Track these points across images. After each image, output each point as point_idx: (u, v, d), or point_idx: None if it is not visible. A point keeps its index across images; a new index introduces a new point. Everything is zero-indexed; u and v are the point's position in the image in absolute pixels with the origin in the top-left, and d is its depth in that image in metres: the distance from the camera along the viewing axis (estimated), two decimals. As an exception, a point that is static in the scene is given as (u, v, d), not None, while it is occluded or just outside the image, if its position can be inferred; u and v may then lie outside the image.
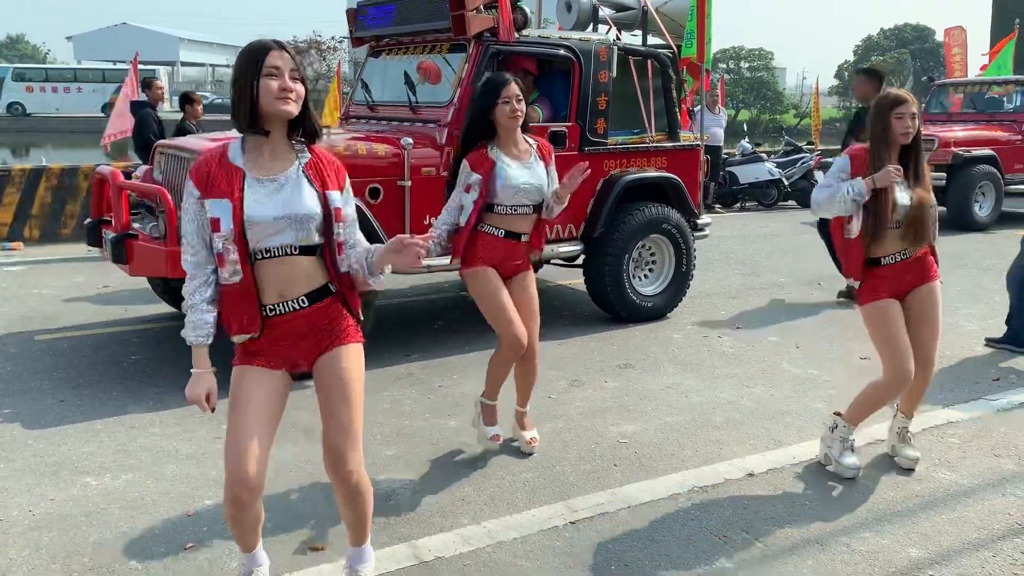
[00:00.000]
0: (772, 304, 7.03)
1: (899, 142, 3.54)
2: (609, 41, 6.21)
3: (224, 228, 2.35)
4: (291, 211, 2.39)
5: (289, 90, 2.34)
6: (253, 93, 2.33)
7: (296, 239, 2.42)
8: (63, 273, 7.75)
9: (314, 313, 2.50)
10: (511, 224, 3.75)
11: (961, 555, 3.10)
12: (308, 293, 2.48)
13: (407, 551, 3.09)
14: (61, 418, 4.33)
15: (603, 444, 4.09)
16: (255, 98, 2.33)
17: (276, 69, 2.33)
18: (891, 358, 3.60)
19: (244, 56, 2.37)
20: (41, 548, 3.07)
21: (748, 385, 4.99)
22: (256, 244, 2.39)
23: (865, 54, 58.11)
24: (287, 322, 2.47)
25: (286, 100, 2.34)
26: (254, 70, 2.33)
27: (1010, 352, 5.56)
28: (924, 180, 3.61)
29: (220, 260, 2.39)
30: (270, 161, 2.42)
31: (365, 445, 4.04)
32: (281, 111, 2.35)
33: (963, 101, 12.71)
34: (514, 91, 3.64)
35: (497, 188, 3.67)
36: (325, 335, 2.54)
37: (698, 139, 6.79)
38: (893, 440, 3.94)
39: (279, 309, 2.46)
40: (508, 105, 3.63)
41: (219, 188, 2.36)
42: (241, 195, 2.36)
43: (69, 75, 40.60)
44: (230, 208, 2.35)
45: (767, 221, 11.94)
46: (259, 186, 2.38)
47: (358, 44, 6.66)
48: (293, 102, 2.36)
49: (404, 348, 5.62)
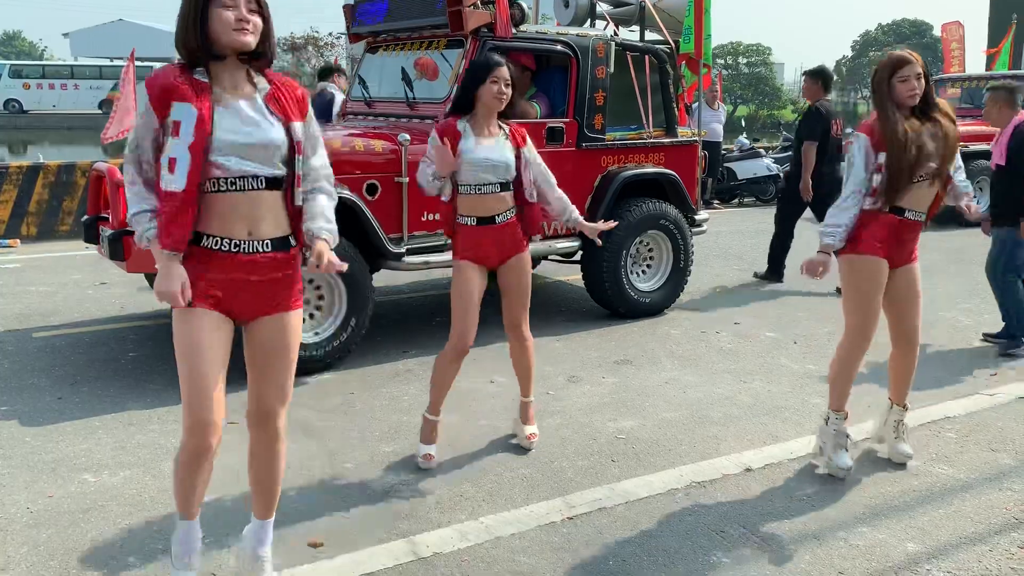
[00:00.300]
0: (770, 300, 7.04)
1: (907, 104, 3.46)
2: (607, 37, 6.20)
3: (183, 134, 2.28)
4: (256, 140, 2.36)
5: (246, 21, 2.30)
6: (202, 22, 2.27)
7: (262, 170, 2.39)
8: (60, 270, 7.74)
9: (274, 262, 2.46)
10: (479, 206, 3.70)
11: (958, 550, 3.11)
12: (273, 238, 2.45)
13: (405, 547, 3.09)
14: (59, 415, 4.33)
15: (601, 440, 4.09)
16: (204, 27, 2.28)
17: (232, 0, 2.29)
18: (864, 315, 3.59)
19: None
20: (39, 545, 3.07)
21: (746, 380, 5.00)
22: (218, 173, 2.34)
23: (863, 49, 58.13)
24: (251, 262, 2.42)
25: (243, 31, 2.30)
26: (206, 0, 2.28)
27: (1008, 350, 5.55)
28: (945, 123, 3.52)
29: (170, 165, 2.29)
30: (231, 90, 2.38)
31: (363, 441, 4.06)
32: (238, 42, 2.31)
33: (961, 96, 12.70)
34: (504, 74, 3.65)
35: (459, 163, 3.66)
36: (276, 294, 2.51)
37: (696, 135, 6.79)
38: (887, 433, 3.92)
39: (244, 247, 2.40)
40: (496, 85, 3.63)
41: (184, 94, 2.30)
42: (210, 109, 2.30)
43: (66, 72, 40.49)
44: (195, 116, 2.28)
45: (765, 217, 11.90)
46: (224, 110, 2.35)
47: (355, 40, 6.65)
48: (251, 34, 2.32)
49: (401, 344, 5.62)
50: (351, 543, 3.11)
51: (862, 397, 4.58)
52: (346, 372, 5.04)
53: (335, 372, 5.02)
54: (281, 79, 2.50)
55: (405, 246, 5.29)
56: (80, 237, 6.00)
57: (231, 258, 2.41)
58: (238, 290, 2.44)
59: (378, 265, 5.36)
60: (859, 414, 4.37)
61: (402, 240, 5.28)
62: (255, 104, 2.41)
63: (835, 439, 3.73)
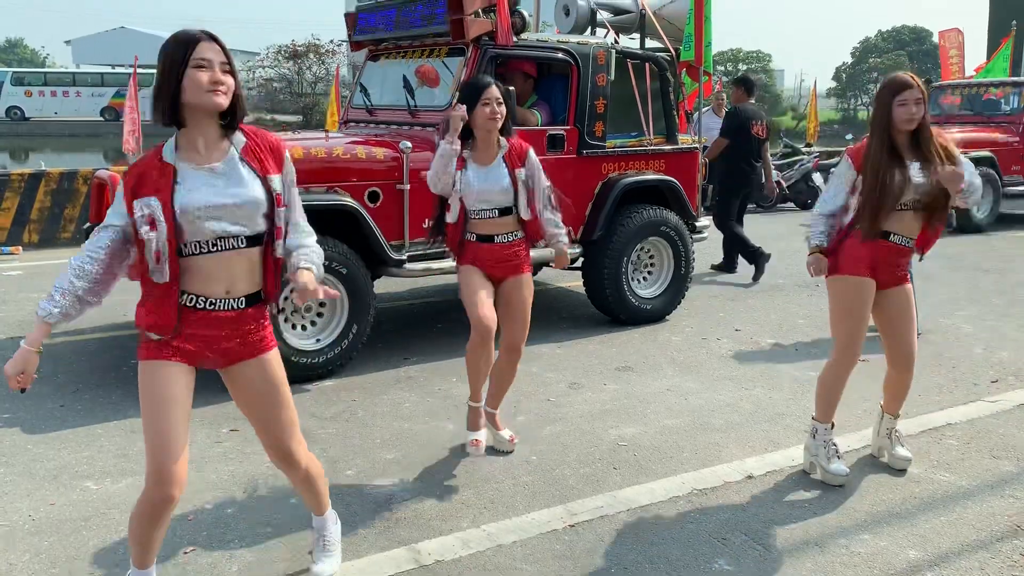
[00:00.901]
0: (770, 306, 7.04)
1: (903, 129, 3.47)
2: (607, 44, 6.22)
3: (160, 227, 2.31)
4: (238, 200, 2.38)
5: (220, 82, 2.32)
6: (175, 85, 2.29)
7: (243, 231, 2.40)
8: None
9: (246, 316, 2.49)
10: (480, 228, 3.83)
11: (960, 557, 3.11)
12: (248, 295, 2.48)
13: (407, 554, 3.09)
14: (61, 423, 4.33)
15: (602, 447, 4.09)
16: (177, 91, 2.29)
17: (206, 61, 2.30)
18: (849, 333, 3.62)
19: (170, 46, 2.32)
20: (41, 553, 3.07)
21: (747, 387, 5.00)
22: (197, 236, 2.36)
23: (863, 56, 58.18)
24: (226, 319, 2.45)
25: (216, 92, 2.32)
26: (181, 60, 2.29)
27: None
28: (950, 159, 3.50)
29: (156, 258, 2.34)
30: (206, 151, 2.39)
31: (365, 448, 4.06)
32: (212, 104, 2.32)
33: (961, 103, 12.74)
34: (494, 94, 3.66)
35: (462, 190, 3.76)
36: (248, 342, 2.53)
37: (696, 142, 6.80)
38: (882, 442, 3.93)
39: (220, 305, 2.43)
40: (488, 107, 3.65)
41: (148, 187, 2.33)
42: (170, 191, 2.32)
43: (68, 79, 40.57)
44: (159, 206, 2.31)
45: (765, 223, 11.94)
46: (195, 175, 2.36)
47: (356, 48, 6.67)
48: (223, 95, 2.33)
49: (403, 351, 5.63)
50: (353, 551, 3.11)
51: (860, 403, 4.58)
52: (347, 379, 5.04)
53: (336, 379, 5.03)
54: (253, 130, 2.51)
55: (406, 253, 5.30)
56: (82, 244, 6.01)
57: (207, 315, 2.44)
58: (211, 343, 2.48)
59: (379, 272, 5.36)
60: (855, 422, 4.37)
61: (403, 247, 5.29)
62: (232, 163, 2.41)
63: (826, 450, 3.73)
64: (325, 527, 2.98)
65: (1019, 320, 6.52)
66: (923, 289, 7.58)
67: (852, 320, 3.61)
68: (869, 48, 59.77)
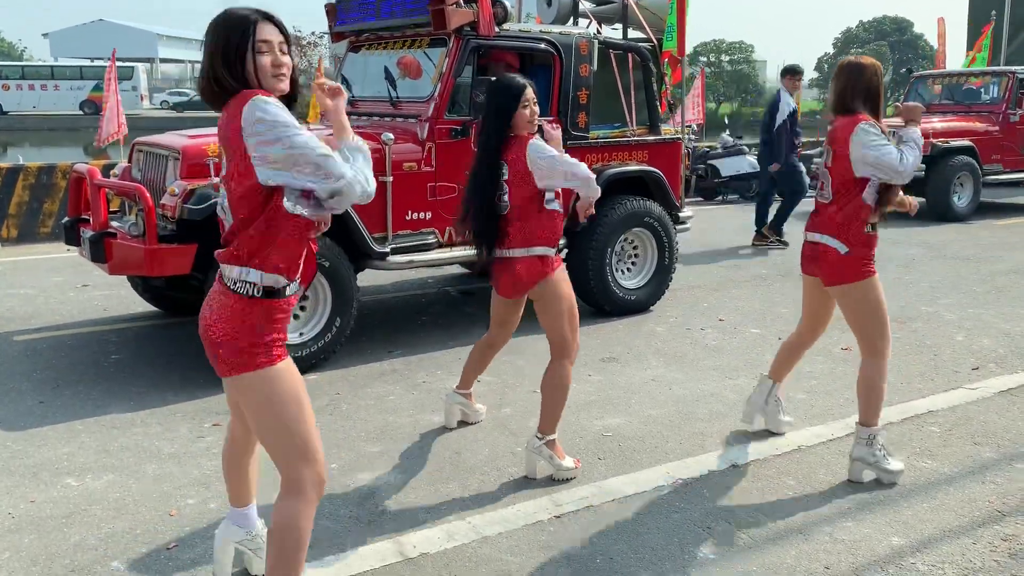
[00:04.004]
0: (754, 296, 7.07)
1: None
2: (590, 35, 6.21)
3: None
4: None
5: (281, 65, 2.27)
6: (245, 68, 2.21)
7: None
8: (41, 273, 7.67)
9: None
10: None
11: (942, 542, 3.13)
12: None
13: (392, 547, 3.08)
14: (41, 419, 4.28)
15: (587, 438, 4.10)
16: (248, 74, 2.22)
17: (266, 44, 2.24)
18: (884, 326, 3.57)
19: (225, 28, 2.23)
20: (21, 551, 3.04)
21: (731, 377, 5.01)
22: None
23: (844, 46, 58.51)
24: (292, 303, 2.43)
25: (280, 77, 2.27)
26: (244, 44, 2.21)
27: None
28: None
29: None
30: None
31: (349, 441, 4.04)
32: (276, 89, 2.27)
33: (941, 92, 12.81)
34: (532, 95, 3.58)
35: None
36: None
37: (678, 133, 6.81)
38: (772, 409, 4.09)
39: (292, 288, 2.40)
40: (528, 109, 3.57)
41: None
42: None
43: (46, 72, 40.18)
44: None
45: (749, 213, 11.97)
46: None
47: (338, 39, 6.63)
48: (285, 78, 2.29)
49: (387, 344, 5.61)
50: (337, 544, 3.09)
51: (843, 392, 4.60)
52: (331, 372, 5.02)
53: (320, 372, 5.00)
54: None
55: (389, 246, 5.27)
56: (61, 239, 5.95)
57: (291, 299, 2.41)
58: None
59: (362, 265, 5.34)
60: (838, 409, 4.40)
61: (386, 240, 5.26)
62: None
63: (883, 452, 3.63)
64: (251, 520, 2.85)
65: (999, 307, 6.57)
66: (905, 277, 7.64)
67: (882, 313, 3.56)
68: (851, 38, 60.11)
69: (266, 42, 2.24)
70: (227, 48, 2.23)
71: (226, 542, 2.80)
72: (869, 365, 3.60)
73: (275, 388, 2.33)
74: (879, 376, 3.58)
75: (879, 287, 3.57)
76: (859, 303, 3.55)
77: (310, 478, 2.37)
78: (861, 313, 3.56)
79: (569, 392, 3.69)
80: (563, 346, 3.67)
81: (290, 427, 2.34)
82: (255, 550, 2.81)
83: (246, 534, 2.81)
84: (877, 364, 3.58)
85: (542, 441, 3.62)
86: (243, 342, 2.30)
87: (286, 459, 2.37)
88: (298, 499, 2.36)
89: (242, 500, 2.80)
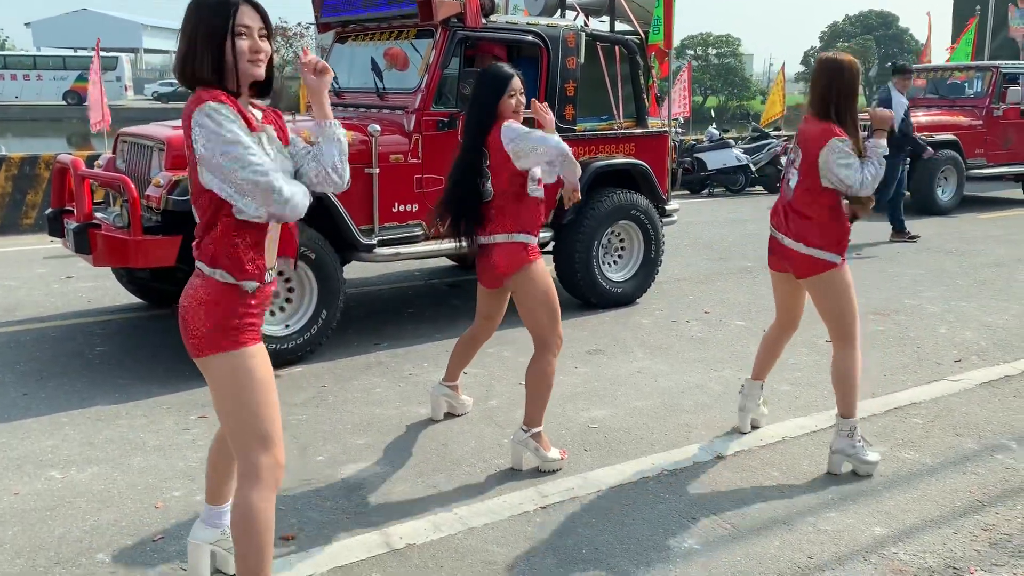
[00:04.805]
0: (740, 288, 7.10)
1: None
2: (577, 27, 6.20)
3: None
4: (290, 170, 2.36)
5: (259, 51, 2.26)
6: (223, 52, 2.20)
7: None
8: (25, 264, 7.61)
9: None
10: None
11: (923, 532, 3.17)
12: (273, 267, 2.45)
13: (378, 538, 3.09)
14: (25, 411, 4.26)
15: (573, 429, 4.11)
16: (226, 57, 2.20)
17: (246, 28, 2.23)
18: (855, 309, 3.62)
19: (207, 10, 2.21)
20: (5, 543, 3.03)
21: (716, 369, 5.04)
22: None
23: (831, 40, 58.71)
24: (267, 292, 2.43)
25: (256, 62, 2.26)
26: (223, 27, 2.19)
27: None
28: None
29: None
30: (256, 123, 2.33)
31: (335, 433, 4.04)
32: (252, 74, 2.26)
33: (926, 86, 12.88)
34: (518, 85, 3.62)
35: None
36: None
37: (665, 125, 6.82)
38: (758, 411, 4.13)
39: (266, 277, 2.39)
40: (514, 99, 3.60)
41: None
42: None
43: (28, 62, 39.77)
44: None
45: (735, 207, 12.03)
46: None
47: (324, 30, 6.59)
48: (262, 63, 2.28)
49: (373, 336, 5.60)
50: (324, 536, 3.10)
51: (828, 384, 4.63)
52: (317, 365, 5.01)
53: (306, 365, 4.99)
54: (262, 105, 2.43)
55: (376, 238, 5.26)
56: (44, 231, 5.90)
57: (265, 289, 2.40)
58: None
59: (349, 257, 5.33)
60: (823, 401, 4.43)
61: (373, 232, 5.25)
62: (268, 132, 2.34)
63: (862, 444, 3.66)
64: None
65: (982, 300, 6.63)
66: (888, 270, 7.70)
67: (853, 303, 3.61)
68: (837, 32, 60.32)
69: (246, 27, 2.23)
70: (207, 30, 2.22)
71: (200, 546, 2.75)
72: (841, 356, 3.65)
73: (239, 372, 2.32)
74: (853, 364, 3.62)
75: (848, 271, 3.62)
76: (830, 287, 3.61)
77: (266, 463, 2.35)
78: (833, 299, 3.62)
79: (554, 384, 3.70)
80: (543, 338, 3.68)
81: (251, 412, 2.33)
82: (229, 549, 2.74)
83: (221, 533, 2.77)
84: (849, 353, 3.62)
85: (528, 434, 3.63)
86: (211, 323, 2.29)
87: (244, 444, 2.35)
88: (255, 485, 2.34)
89: (221, 498, 2.77)
